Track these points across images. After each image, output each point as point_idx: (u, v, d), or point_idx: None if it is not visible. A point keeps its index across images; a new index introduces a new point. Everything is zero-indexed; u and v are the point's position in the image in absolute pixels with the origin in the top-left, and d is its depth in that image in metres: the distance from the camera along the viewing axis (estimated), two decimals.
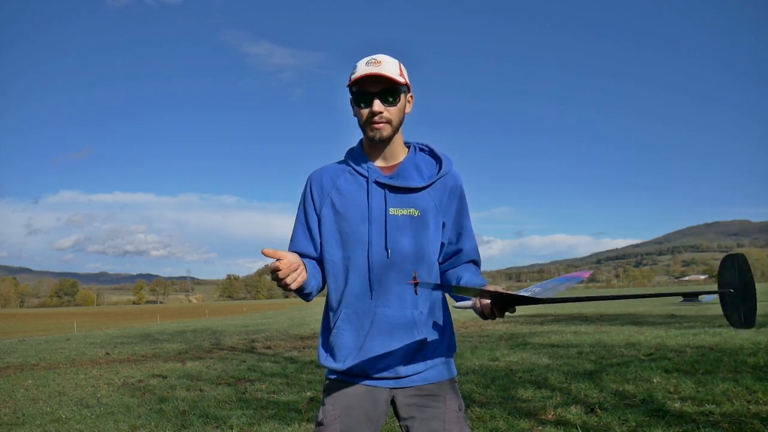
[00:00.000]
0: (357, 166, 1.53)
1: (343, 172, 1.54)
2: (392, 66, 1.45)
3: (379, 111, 1.44)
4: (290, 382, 5.92)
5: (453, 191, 1.52)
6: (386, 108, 1.44)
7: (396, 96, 1.45)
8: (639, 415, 3.73)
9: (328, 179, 1.54)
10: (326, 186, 1.54)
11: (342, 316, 1.47)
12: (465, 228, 1.55)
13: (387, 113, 1.45)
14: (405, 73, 1.49)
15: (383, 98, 1.44)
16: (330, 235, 1.50)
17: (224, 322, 23.19)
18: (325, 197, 1.53)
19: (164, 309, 65.23)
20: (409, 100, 1.53)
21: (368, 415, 1.45)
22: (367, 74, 1.41)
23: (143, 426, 4.22)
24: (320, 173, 1.57)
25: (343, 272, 1.49)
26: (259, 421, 4.17)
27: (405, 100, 1.50)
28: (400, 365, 1.45)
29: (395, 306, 1.45)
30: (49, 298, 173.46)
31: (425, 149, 1.58)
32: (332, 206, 1.51)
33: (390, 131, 1.47)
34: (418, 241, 1.46)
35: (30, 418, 4.65)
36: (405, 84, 1.47)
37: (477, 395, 4.72)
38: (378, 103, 1.43)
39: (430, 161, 1.55)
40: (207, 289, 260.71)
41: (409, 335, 1.45)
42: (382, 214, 1.47)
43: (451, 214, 1.52)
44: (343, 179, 1.53)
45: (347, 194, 1.50)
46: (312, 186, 1.55)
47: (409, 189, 1.48)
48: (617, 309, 21.15)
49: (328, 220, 1.51)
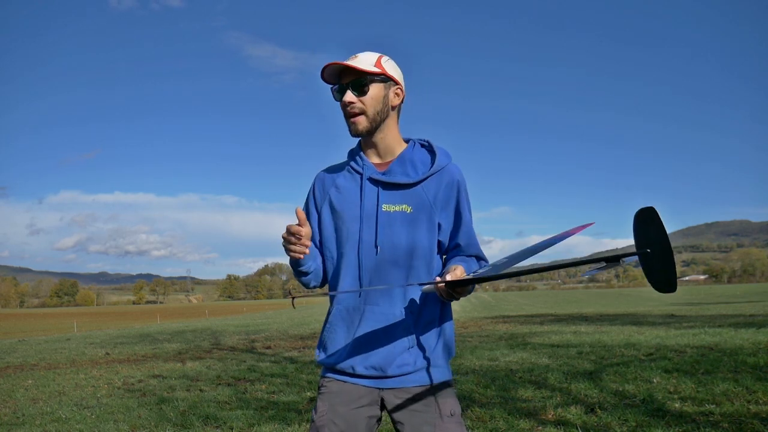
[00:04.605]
0: (354, 163, 1.54)
1: (343, 170, 1.57)
2: (367, 58, 1.46)
3: (350, 101, 1.44)
4: (290, 382, 5.92)
5: (449, 186, 1.49)
6: (358, 99, 1.44)
7: (365, 85, 1.44)
8: (639, 415, 3.73)
9: (329, 178, 1.58)
10: (327, 184, 1.57)
11: (334, 311, 1.49)
12: (463, 224, 1.51)
13: (360, 104, 1.45)
14: (387, 65, 1.47)
15: (354, 88, 1.44)
16: (329, 233, 1.53)
17: (224, 322, 23.18)
18: (325, 196, 1.56)
19: (164, 309, 65.20)
20: (398, 93, 1.50)
21: (358, 413, 1.44)
22: (328, 65, 1.43)
23: (143, 426, 4.21)
24: (324, 172, 1.61)
25: (338, 269, 1.51)
26: (259, 421, 4.17)
27: (385, 92, 1.47)
28: (388, 364, 1.42)
29: (384, 303, 1.44)
30: (49, 298, 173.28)
31: (425, 144, 1.56)
32: (330, 204, 1.54)
33: (366, 123, 1.47)
34: (411, 238, 1.45)
35: (30, 418, 4.65)
36: (380, 74, 1.45)
37: (477, 395, 4.72)
38: (349, 94, 1.44)
39: (427, 156, 1.53)
40: (207, 289, 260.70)
41: (397, 334, 1.43)
42: (373, 211, 1.47)
43: (448, 209, 1.49)
44: (342, 177, 1.55)
45: (344, 192, 1.52)
46: (315, 185, 1.60)
47: (400, 185, 1.47)
48: (617, 309, 21.15)
49: (327, 219, 1.54)
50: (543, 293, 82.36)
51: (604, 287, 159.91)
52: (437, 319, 1.49)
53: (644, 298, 39.80)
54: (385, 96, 1.47)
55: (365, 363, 1.43)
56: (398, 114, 1.55)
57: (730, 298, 28.36)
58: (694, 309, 18.06)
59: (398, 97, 1.50)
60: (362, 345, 1.44)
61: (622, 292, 72.64)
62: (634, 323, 12.07)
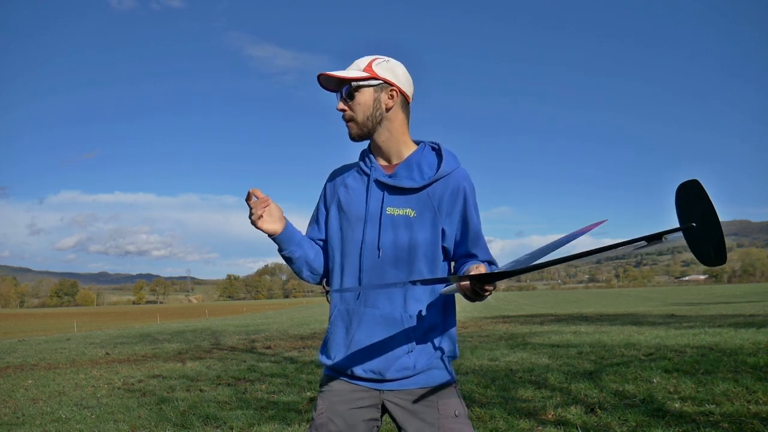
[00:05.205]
0: (363, 164, 1.55)
1: (353, 170, 1.57)
2: (358, 63, 1.47)
3: (340, 109, 1.48)
4: (290, 382, 5.92)
5: (455, 192, 1.46)
6: (347, 105, 1.47)
7: (351, 92, 1.46)
8: (639, 415, 3.73)
9: (340, 177, 1.59)
10: (337, 184, 1.58)
11: (336, 312, 1.49)
12: (471, 230, 1.47)
13: (349, 111, 1.47)
14: (378, 68, 1.46)
15: (343, 96, 1.48)
16: (334, 231, 1.54)
17: (224, 322, 23.18)
18: (335, 195, 1.57)
19: (164, 309, 65.22)
20: (392, 94, 1.47)
21: (357, 414, 1.44)
22: (318, 76, 1.46)
23: (143, 426, 4.22)
24: (336, 171, 1.62)
25: (340, 270, 1.51)
26: (259, 421, 4.17)
27: (375, 95, 1.46)
28: (387, 367, 1.41)
29: (384, 306, 1.44)
30: (49, 298, 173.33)
31: (436, 148, 1.54)
32: (338, 204, 1.54)
33: (357, 129, 1.48)
34: (414, 242, 1.44)
35: (30, 418, 4.65)
36: (368, 78, 1.44)
37: (477, 395, 4.72)
38: (339, 102, 1.48)
39: (435, 160, 1.50)
40: (207, 289, 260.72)
41: (397, 336, 1.42)
42: (378, 213, 1.46)
43: (453, 216, 1.46)
44: (351, 177, 1.56)
45: (352, 192, 1.53)
46: (327, 183, 1.62)
47: (405, 189, 1.47)
48: (617, 309, 21.16)
49: (333, 217, 1.55)
50: (543, 293, 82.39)
51: (604, 287, 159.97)
52: (440, 322, 1.47)
53: (644, 298, 39.82)
54: (375, 100, 1.46)
55: (364, 366, 1.43)
56: (405, 115, 1.51)
57: (730, 298, 28.38)
58: (694, 309, 18.07)
59: (392, 99, 1.47)
60: (361, 348, 1.43)
61: (622, 292, 72.67)
62: (634, 323, 12.07)
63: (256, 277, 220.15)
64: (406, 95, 1.50)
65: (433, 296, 1.46)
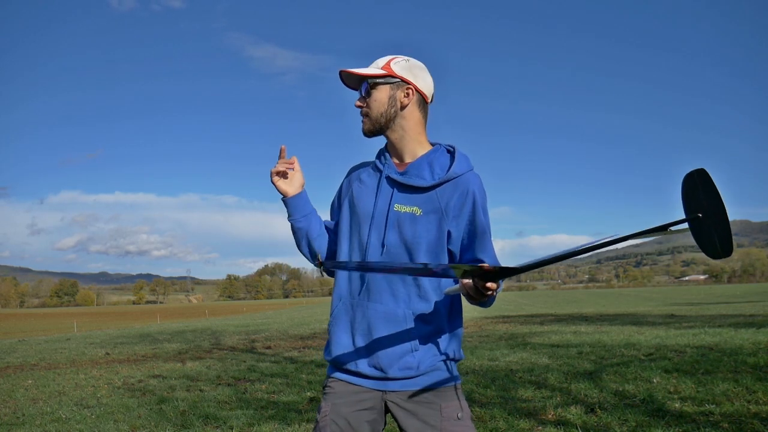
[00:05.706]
0: (378, 161, 1.57)
1: (369, 167, 1.61)
2: (378, 62, 1.52)
3: (358, 105, 1.54)
4: (290, 382, 5.92)
5: (463, 196, 1.44)
6: (364, 101, 1.52)
7: (368, 88, 1.50)
8: (639, 415, 3.73)
9: (356, 173, 1.62)
10: (353, 179, 1.62)
11: (339, 307, 1.50)
12: (479, 235, 1.45)
13: (365, 107, 1.52)
14: (396, 67, 1.49)
15: (362, 92, 1.52)
16: (344, 224, 1.56)
17: (224, 322, 23.18)
18: (349, 189, 1.60)
19: (164, 309, 65.22)
20: (408, 93, 1.49)
21: (360, 416, 1.43)
22: (339, 72, 1.51)
23: (143, 426, 4.22)
24: (354, 167, 1.66)
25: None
26: (259, 421, 4.17)
27: (391, 93, 1.49)
28: (389, 366, 1.41)
29: (388, 302, 1.44)
30: (49, 298, 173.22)
31: (451, 150, 1.54)
32: (351, 198, 1.57)
33: (369, 124, 1.52)
34: (417, 240, 1.44)
35: (30, 418, 4.65)
36: (385, 76, 1.48)
37: (477, 395, 4.72)
38: (358, 99, 1.54)
39: (447, 162, 1.51)
40: (207, 289, 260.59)
41: (400, 335, 1.42)
42: (385, 210, 1.48)
43: (460, 219, 1.45)
44: (366, 174, 1.59)
45: (365, 187, 1.56)
46: (345, 178, 1.66)
47: (414, 188, 1.48)
48: (617, 309, 21.16)
49: (345, 211, 1.57)
50: (543, 293, 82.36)
51: (604, 287, 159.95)
52: (446, 323, 1.46)
53: (644, 298, 39.83)
54: (391, 97, 1.49)
55: (368, 362, 1.43)
56: (422, 115, 1.52)
57: (730, 298, 28.37)
58: (694, 309, 18.08)
59: (408, 97, 1.49)
60: (365, 343, 1.44)
61: (622, 292, 72.63)
62: (634, 323, 12.08)
63: (256, 277, 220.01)
64: (423, 95, 1.52)
65: (439, 296, 1.45)
